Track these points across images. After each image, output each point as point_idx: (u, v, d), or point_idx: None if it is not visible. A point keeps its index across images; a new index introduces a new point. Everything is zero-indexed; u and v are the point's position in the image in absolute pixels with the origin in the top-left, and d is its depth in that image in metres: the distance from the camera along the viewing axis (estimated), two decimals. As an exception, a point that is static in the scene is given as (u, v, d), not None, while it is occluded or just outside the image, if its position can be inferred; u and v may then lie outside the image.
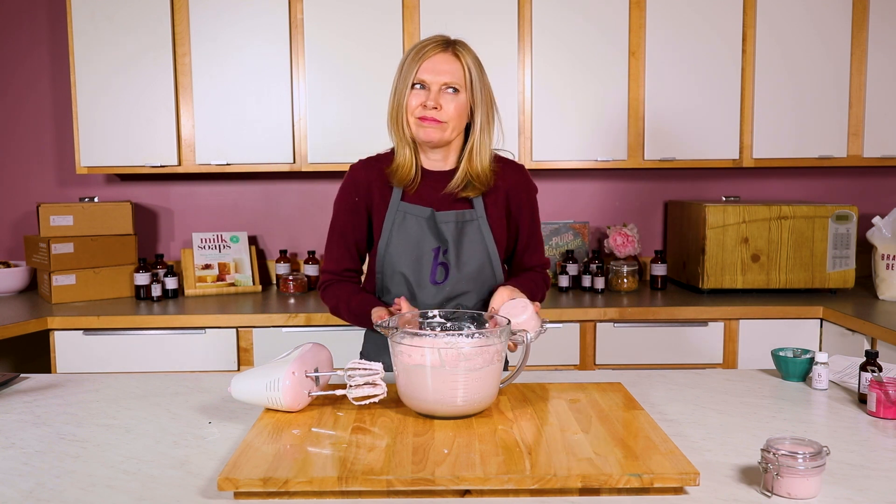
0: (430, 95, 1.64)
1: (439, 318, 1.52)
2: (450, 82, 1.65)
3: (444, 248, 1.72)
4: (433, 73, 1.64)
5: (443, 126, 1.66)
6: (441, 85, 1.65)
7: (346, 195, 1.78)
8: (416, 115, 1.66)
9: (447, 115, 1.65)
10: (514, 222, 1.81)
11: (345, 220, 1.78)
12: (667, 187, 3.43)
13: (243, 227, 3.39)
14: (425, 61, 1.65)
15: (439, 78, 1.64)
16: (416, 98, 1.66)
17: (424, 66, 1.65)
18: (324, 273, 1.83)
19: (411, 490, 1.12)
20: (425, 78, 1.65)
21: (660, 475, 1.12)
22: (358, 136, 3.00)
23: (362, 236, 1.80)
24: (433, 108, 1.64)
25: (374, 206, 1.76)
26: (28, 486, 1.17)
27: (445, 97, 1.65)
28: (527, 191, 1.83)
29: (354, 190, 1.77)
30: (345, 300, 1.76)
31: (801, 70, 3.04)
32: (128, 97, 2.99)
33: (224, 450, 1.31)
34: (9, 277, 3.09)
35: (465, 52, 1.67)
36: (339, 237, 1.79)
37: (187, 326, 2.74)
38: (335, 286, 1.80)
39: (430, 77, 1.64)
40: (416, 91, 1.66)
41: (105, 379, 1.76)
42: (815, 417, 1.49)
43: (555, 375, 1.75)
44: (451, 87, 1.65)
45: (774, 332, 2.78)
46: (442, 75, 1.64)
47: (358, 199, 1.76)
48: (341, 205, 1.79)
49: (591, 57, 3.02)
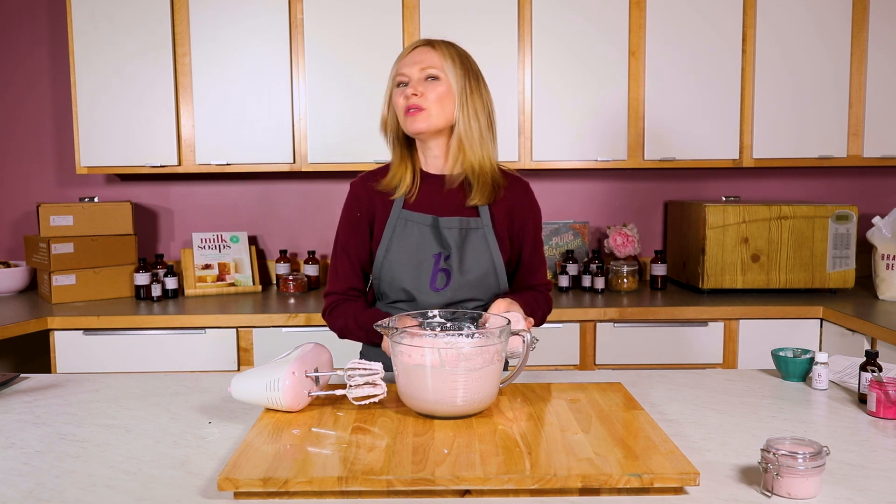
0: (411, 84, 1.68)
1: (439, 318, 1.51)
2: (426, 68, 1.67)
3: (445, 255, 1.70)
4: (410, 65, 1.69)
5: (426, 113, 1.67)
6: (419, 73, 1.68)
7: (347, 212, 1.78)
8: (402, 109, 1.69)
9: (427, 101, 1.67)
10: (518, 241, 1.79)
11: (347, 237, 1.76)
12: (667, 187, 3.43)
13: (243, 227, 3.39)
14: (404, 59, 1.71)
15: (416, 67, 1.68)
16: (400, 93, 1.70)
17: (403, 63, 1.70)
18: (328, 296, 1.78)
19: (411, 490, 1.12)
20: (405, 71, 1.69)
21: (660, 475, 1.12)
22: (358, 136, 3.00)
23: (366, 252, 1.77)
24: (413, 94, 1.66)
25: (376, 218, 1.75)
26: (28, 486, 1.17)
27: (425, 85, 1.68)
28: (532, 211, 1.80)
29: (356, 205, 1.76)
30: (352, 316, 1.72)
31: (801, 70, 3.04)
32: (128, 97, 2.99)
33: (224, 450, 1.31)
34: (9, 277, 3.09)
35: (443, 45, 1.71)
36: (343, 254, 1.77)
37: (187, 326, 2.74)
38: (341, 306, 1.76)
39: (408, 69, 1.68)
40: (400, 88, 1.70)
41: (105, 379, 1.76)
42: (815, 417, 1.49)
43: (555, 375, 1.75)
44: (429, 76, 1.68)
45: (774, 332, 2.78)
46: (417, 64, 1.68)
47: (360, 214, 1.76)
48: (344, 223, 1.78)
49: (591, 57, 3.02)
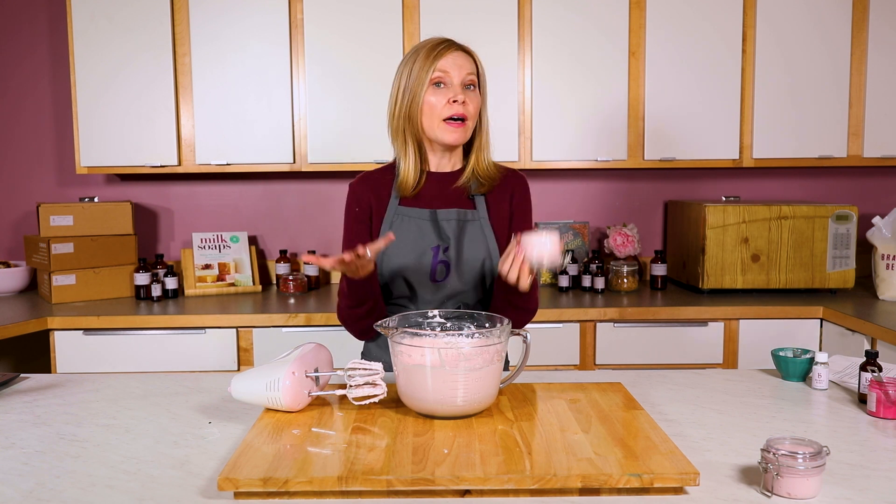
0: (454, 90, 1.62)
1: (439, 318, 1.51)
2: (469, 74, 1.64)
3: (444, 246, 1.71)
4: (453, 67, 1.62)
5: (466, 126, 1.65)
6: (463, 78, 1.63)
7: (348, 211, 1.77)
8: (441, 115, 1.63)
9: (470, 111, 1.64)
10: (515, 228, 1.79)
11: (350, 235, 1.76)
12: (667, 187, 3.43)
13: (243, 227, 3.39)
14: (443, 58, 1.63)
15: (460, 72, 1.63)
16: (440, 96, 1.63)
17: (444, 62, 1.62)
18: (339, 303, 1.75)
19: (411, 490, 1.12)
20: (449, 71, 1.62)
21: (660, 475, 1.12)
22: (358, 135, 3.00)
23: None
24: (463, 101, 1.62)
25: (374, 214, 1.75)
26: (28, 486, 1.17)
27: (467, 94, 1.63)
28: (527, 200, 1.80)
29: (356, 202, 1.76)
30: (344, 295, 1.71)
31: (801, 70, 3.04)
32: (128, 97, 2.99)
33: (224, 450, 1.31)
34: (9, 277, 3.09)
35: (473, 53, 1.69)
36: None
37: (187, 326, 2.74)
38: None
39: (452, 70, 1.62)
40: (436, 89, 1.63)
41: (105, 379, 1.76)
42: (815, 417, 1.49)
43: (555, 375, 1.75)
44: (471, 83, 1.65)
45: (774, 332, 2.78)
46: (461, 69, 1.63)
47: (359, 210, 1.75)
48: (346, 223, 1.78)
49: (591, 57, 3.02)
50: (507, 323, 1.41)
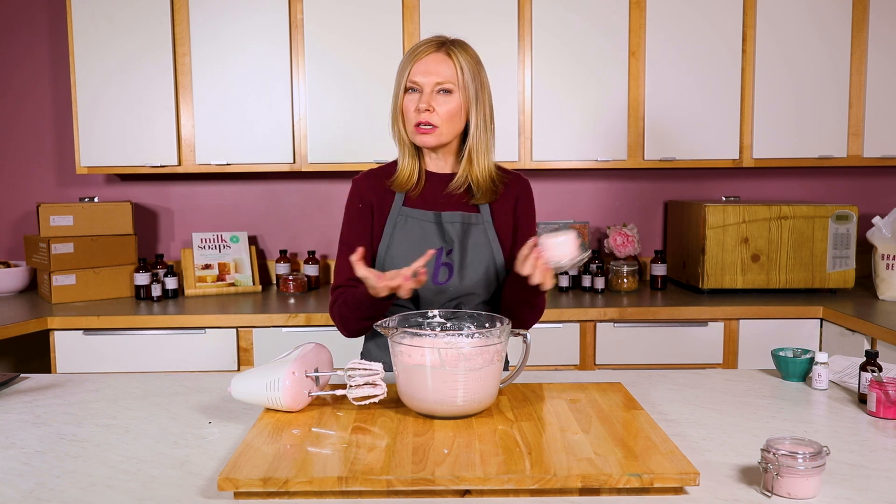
0: (423, 97, 1.63)
1: (439, 318, 1.51)
2: (441, 83, 1.63)
3: (448, 249, 1.71)
4: (424, 74, 1.63)
5: (437, 131, 1.65)
6: (433, 86, 1.63)
7: (350, 205, 1.77)
8: (412, 121, 1.65)
9: (439, 118, 1.63)
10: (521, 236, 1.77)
11: (349, 230, 1.76)
12: (667, 187, 3.43)
13: (243, 227, 3.39)
14: (417, 62, 1.64)
15: (430, 79, 1.63)
16: (411, 102, 1.65)
17: (416, 68, 1.64)
18: (332, 292, 1.74)
19: (411, 490, 1.12)
20: (417, 79, 1.64)
21: (660, 475, 1.12)
22: (358, 135, 3.00)
23: (368, 242, 1.74)
24: (426, 109, 1.62)
25: (377, 212, 1.74)
26: (28, 486, 1.17)
27: (437, 99, 1.63)
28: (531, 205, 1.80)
29: (358, 197, 1.76)
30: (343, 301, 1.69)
31: (801, 70, 3.04)
32: (128, 97, 2.99)
33: (224, 450, 1.31)
34: (9, 277, 3.09)
35: (458, 52, 1.65)
36: (344, 247, 1.75)
37: (187, 326, 2.74)
38: (340, 297, 1.71)
39: (422, 78, 1.63)
40: (410, 94, 1.66)
41: (105, 379, 1.76)
42: (815, 417, 1.49)
43: (555, 375, 1.75)
44: (442, 89, 1.64)
45: (774, 332, 2.78)
46: (432, 76, 1.63)
47: (362, 206, 1.75)
48: (347, 217, 1.77)
49: (591, 57, 3.02)
50: (507, 323, 1.41)
